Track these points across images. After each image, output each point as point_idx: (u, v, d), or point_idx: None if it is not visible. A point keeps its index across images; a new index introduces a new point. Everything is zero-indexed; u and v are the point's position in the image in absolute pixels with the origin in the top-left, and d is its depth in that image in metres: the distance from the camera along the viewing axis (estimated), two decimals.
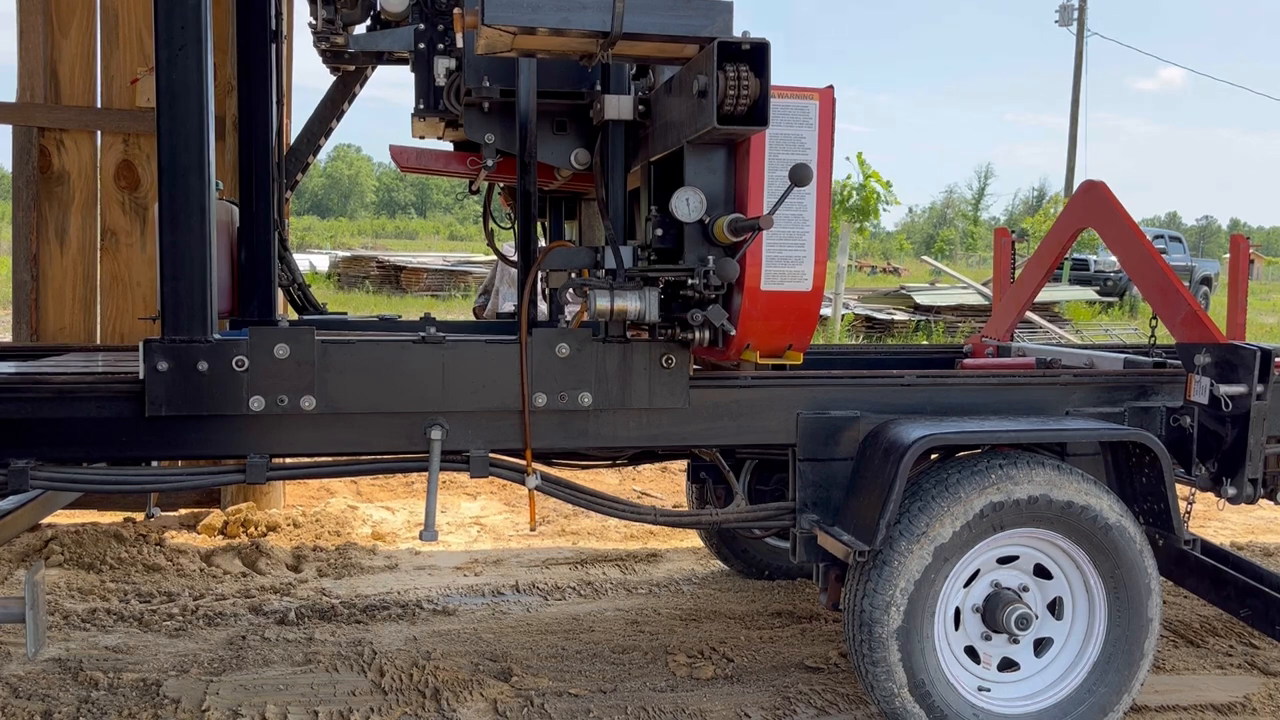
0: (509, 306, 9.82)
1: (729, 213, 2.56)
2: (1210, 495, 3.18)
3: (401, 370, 2.66)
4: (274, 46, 3.56)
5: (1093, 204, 3.64)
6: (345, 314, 4.02)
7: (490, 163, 3.03)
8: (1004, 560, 2.94)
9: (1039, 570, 2.96)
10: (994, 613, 2.88)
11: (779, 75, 2.33)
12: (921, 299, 15.96)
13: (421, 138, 3.36)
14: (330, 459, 2.80)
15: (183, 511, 5.01)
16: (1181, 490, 3.07)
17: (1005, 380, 3.15)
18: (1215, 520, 5.63)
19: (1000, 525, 2.80)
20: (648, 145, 2.77)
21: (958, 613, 2.92)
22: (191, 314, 2.53)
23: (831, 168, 2.63)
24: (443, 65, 3.00)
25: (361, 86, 3.95)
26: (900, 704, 2.79)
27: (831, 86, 2.62)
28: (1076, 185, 3.89)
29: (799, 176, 2.40)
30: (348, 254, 25.14)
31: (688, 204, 2.54)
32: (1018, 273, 4.31)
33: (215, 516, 4.86)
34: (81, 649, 3.45)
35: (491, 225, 3.78)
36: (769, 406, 2.90)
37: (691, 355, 2.81)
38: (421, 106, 3.13)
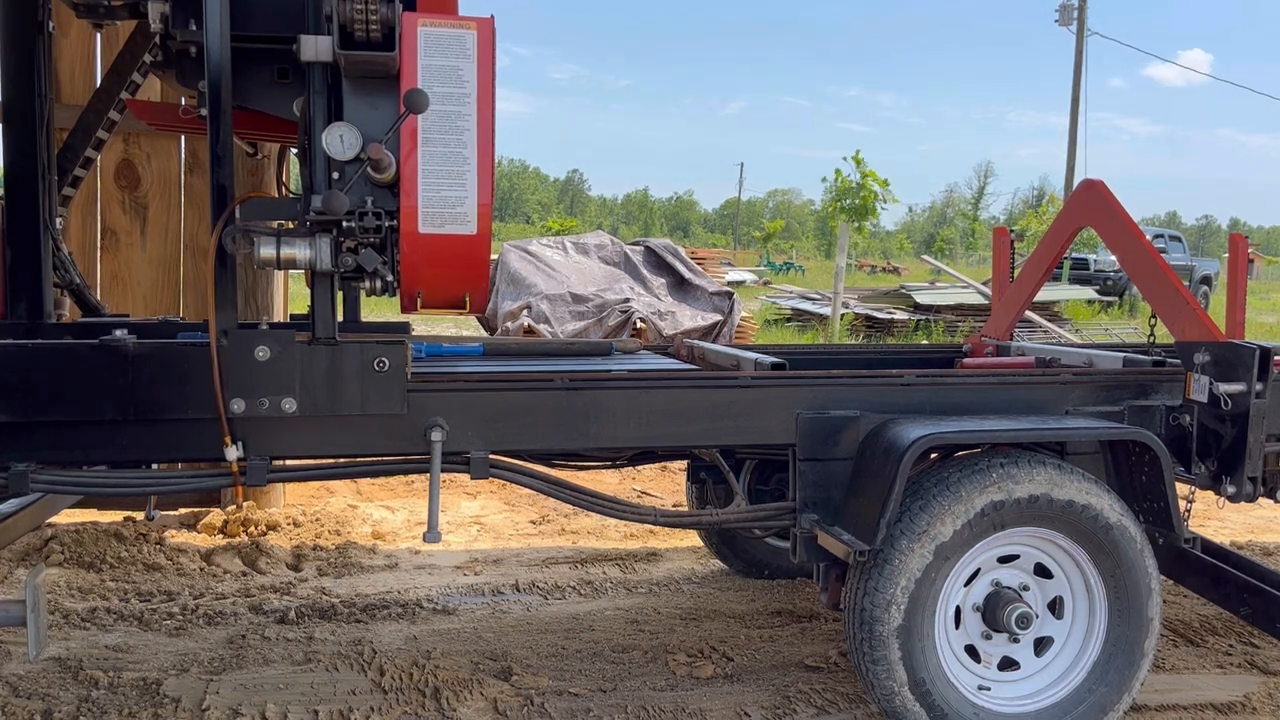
0: (508, 305, 9.82)
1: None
2: (1210, 494, 3.18)
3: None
4: (40, 38, 3.30)
5: (1091, 203, 3.64)
6: (127, 315, 3.82)
7: (204, 112, 2.73)
8: (1004, 559, 2.94)
9: (1039, 569, 2.97)
10: (994, 611, 2.88)
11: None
12: (921, 298, 15.93)
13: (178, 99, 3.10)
14: (331, 460, 2.77)
15: (183, 511, 5.01)
16: (1181, 489, 3.07)
17: (1004, 379, 3.15)
18: (1215, 519, 5.63)
19: (1001, 524, 2.80)
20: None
21: (958, 611, 2.92)
22: None
23: (493, 102, 2.47)
24: (157, 10, 2.66)
25: (144, 75, 3.64)
26: (900, 702, 2.79)
27: (492, 16, 2.46)
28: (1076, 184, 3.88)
29: (413, 103, 2.29)
30: None
31: (341, 140, 2.40)
32: (1017, 272, 4.31)
33: (215, 515, 4.86)
34: (81, 648, 3.45)
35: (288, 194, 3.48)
36: (768, 406, 2.89)
37: (409, 356, 2.68)
38: (159, 59, 2.85)
